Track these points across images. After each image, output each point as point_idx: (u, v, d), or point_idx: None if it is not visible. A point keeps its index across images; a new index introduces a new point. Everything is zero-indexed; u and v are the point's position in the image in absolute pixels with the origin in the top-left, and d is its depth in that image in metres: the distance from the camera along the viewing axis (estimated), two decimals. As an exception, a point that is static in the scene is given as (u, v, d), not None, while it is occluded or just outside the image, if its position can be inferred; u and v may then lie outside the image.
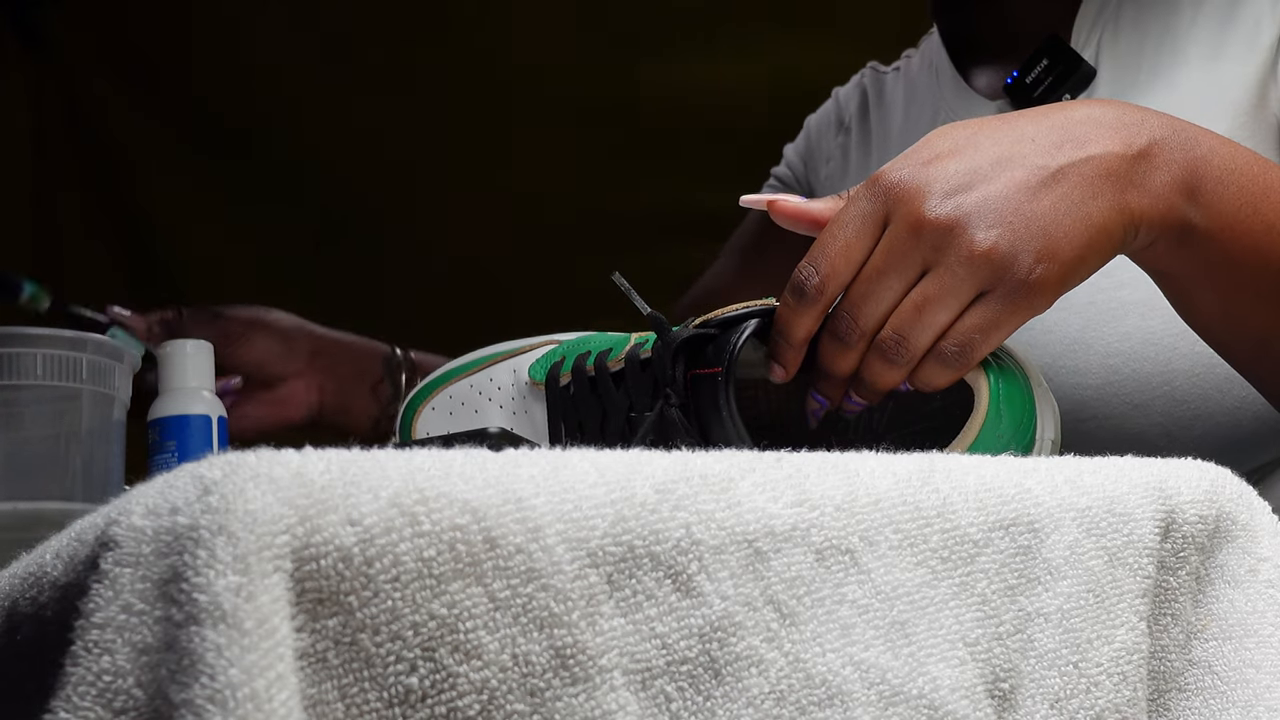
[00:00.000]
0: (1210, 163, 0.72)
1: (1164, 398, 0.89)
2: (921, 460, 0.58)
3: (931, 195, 0.67)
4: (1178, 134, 0.71)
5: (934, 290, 0.67)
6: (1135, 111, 0.71)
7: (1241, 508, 0.64)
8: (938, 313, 0.67)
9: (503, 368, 0.83)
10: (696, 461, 0.52)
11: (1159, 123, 0.71)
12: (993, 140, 0.69)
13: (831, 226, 0.69)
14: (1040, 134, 0.69)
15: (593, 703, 0.46)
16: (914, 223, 0.67)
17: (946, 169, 0.68)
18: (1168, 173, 0.70)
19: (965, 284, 0.67)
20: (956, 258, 0.66)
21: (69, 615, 0.44)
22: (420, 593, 0.44)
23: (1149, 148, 0.70)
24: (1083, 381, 0.92)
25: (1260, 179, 0.73)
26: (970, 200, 0.67)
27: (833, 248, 0.69)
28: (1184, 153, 0.71)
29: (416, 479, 0.45)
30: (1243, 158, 0.73)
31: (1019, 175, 0.67)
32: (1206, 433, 0.90)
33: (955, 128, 0.71)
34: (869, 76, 1.24)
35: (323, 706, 0.43)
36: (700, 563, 0.49)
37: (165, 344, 0.97)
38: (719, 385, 0.69)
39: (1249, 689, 0.61)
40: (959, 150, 0.69)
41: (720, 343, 0.71)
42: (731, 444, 0.69)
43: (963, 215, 0.66)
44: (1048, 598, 0.57)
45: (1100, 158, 0.69)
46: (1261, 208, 0.73)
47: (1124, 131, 0.70)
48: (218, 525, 0.41)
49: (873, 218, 0.68)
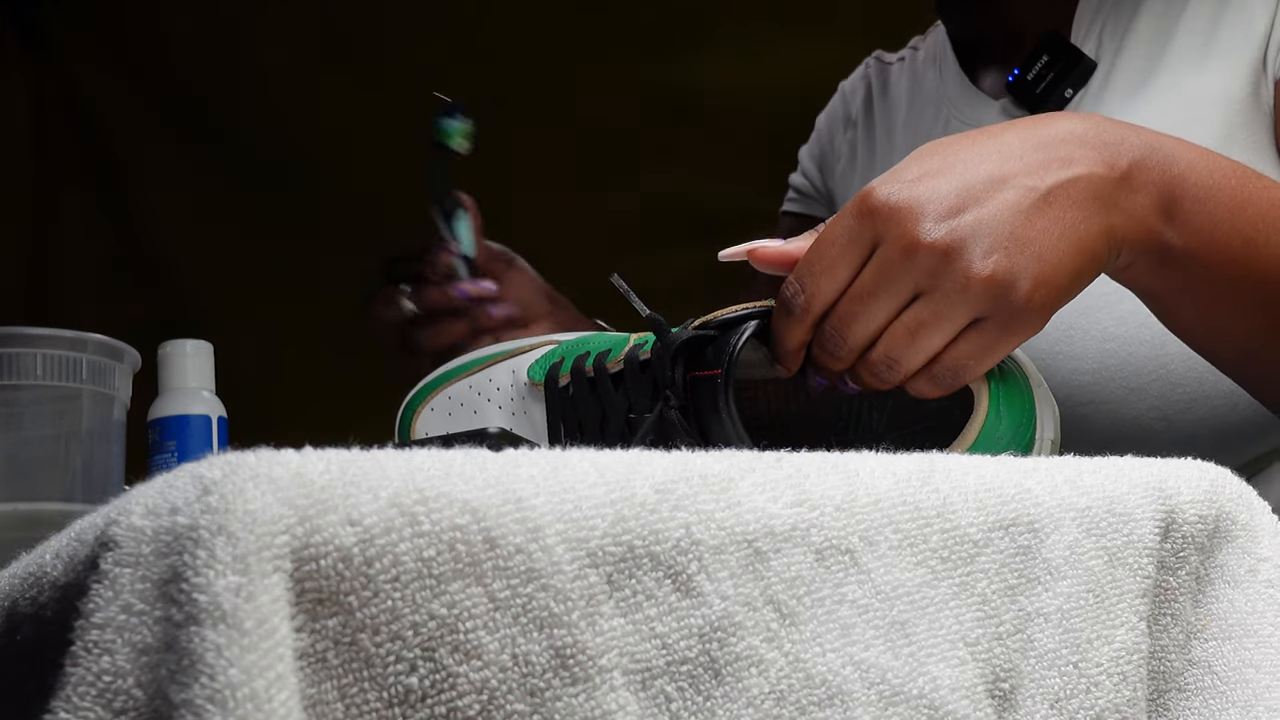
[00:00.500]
0: (1188, 180, 0.72)
1: (1159, 381, 0.89)
2: (921, 460, 0.58)
3: (925, 217, 0.66)
4: (1156, 152, 0.72)
5: (928, 315, 0.66)
6: (1115, 128, 0.71)
7: (1241, 507, 0.64)
8: (931, 337, 0.67)
9: (502, 368, 0.83)
10: (696, 461, 0.52)
11: (1138, 141, 0.71)
12: (980, 158, 0.69)
13: (819, 243, 0.69)
14: (1026, 151, 0.69)
15: (592, 703, 0.46)
16: (907, 245, 0.66)
17: (937, 188, 0.67)
18: (1146, 195, 0.71)
19: (961, 310, 0.66)
20: (953, 284, 0.65)
21: (69, 615, 0.44)
22: (420, 593, 0.44)
23: (1130, 169, 0.70)
24: (1079, 367, 0.92)
25: (1238, 192, 0.73)
26: (965, 223, 0.66)
27: (819, 265, 0.68)
28: (1162, 172, 0.71)
29: (416, 479, 0.45)
30: (1221, 170, 0.73)
31: (1011, 197, 0.67)
32: (1203, 418, 0.90)
33: (941, 144, 0.71)
34: (874, 67, 1.24)
35: (322, 706, 0.43)
36: (700, 563, 0.49)
37: (165, 344, 0.97)
38: (718, 387, 0.69)
39: (1249, 689, 0.61)
40: (948, 168, 0.68)
41: (720, 344, 0.70)
42: (731, 445, 0.68)
43: (959, 239, 0.65)
44: (1048, 598, 0.57)
45: (1086, 178, 0.69)
46: (1239, 222, 0.73)
47: (1106, 151, 0.70)
48: (217, 525, 0.41)
49: (861, 237, 0.67)
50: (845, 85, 1.26)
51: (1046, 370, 0.92)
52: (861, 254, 0.67)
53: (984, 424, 0.70)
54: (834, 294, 0.68)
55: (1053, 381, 0.92)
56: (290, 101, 2.29)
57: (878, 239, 0.67)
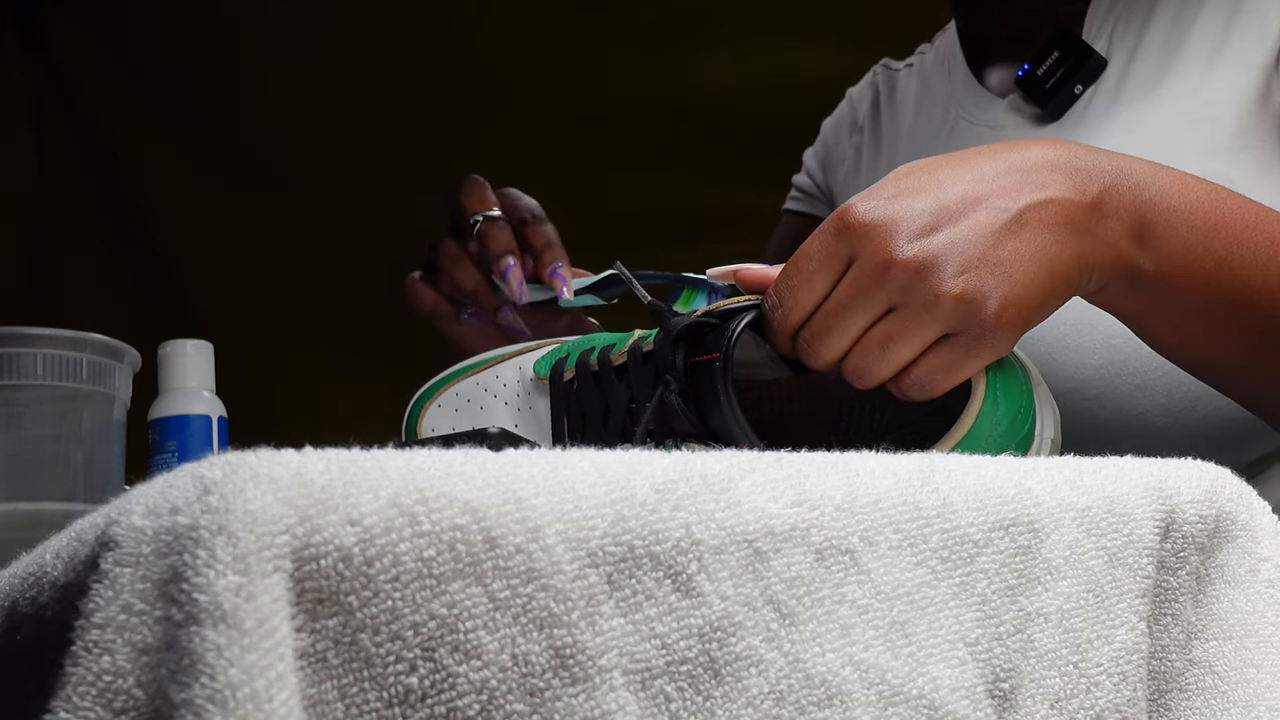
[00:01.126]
0: (1160, 205, 0.73)
1: (1165, 378, 0.90)
2: (921, 460, 0.58)
3: (899, 235, 0.68)
4: (1127, 178, 0.73)
5: (898, 329, 0.68)
6: (1087, 155, 0.73)
7: (1241, 507, 0.64)
8: (900, 350, 0.68)
9: (509, 365, 0.84)
10: (696, 461, 0.52)
11: (1110, 167, 0.73)
12: (955, 179, 0.70)
13: (797, 258, 0.70)
14: (1000, 174, 0.71)
15: (592, 703, 0.46)
16: (881, 262, 0.67)
17: (913, 207, 0.69)
18: (1118, 220, 0.72)
19: (930, 325, 0.68)
20: (924, 300, 0.67)
21: (69, 615, 0.44)
22: (420, 593, 0.44)
23: (1101, 195, 0.72)
24: (1085, 361, 0.92)
25: (1212, 215, 0.75)
26: (938, 242, 0.68)
27: (796, 279, 0.70)
28: (1133, 197, 0.73)
29: (416, 479, 0.45)
30: (1194, 194, 0.75)
31: (984, 218, 0.69)
32: (1208, 415, 0.90)
33: (918, 165, 0.72)
34: (881, 75, 1.25)
35: (323, 706, 0.43)
36: (700, 563, 0.49)
37: (165, 344, 0.97)
38: (717, 370, 0.70)
39: (1250, 689, 0.61)
40: (924, 188, 0.70)
41: (719, 331, 0.71)
42: (730, 429, 0.70)
43: (931, 257, 0.67)
44: (1048, 598, 0.57)
45: (1059, 201, 0.70)
46: (1213, 245, 0.74)
47: (1077, 177, 0.71)
48: (218, 525, 0.41)
49: (837, 252, 0.69)
50: (853, 91, 1.27)
51: (1052, 364, 0.92)
52: (838, 269, 0.69)
53: (980, 410, 0.70)
54: (810, 307, 0.70)
55: (1058, 376, 0.92)
56: (290, 102, 2.29)
57: (853, 254, 0.69)
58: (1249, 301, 0.76)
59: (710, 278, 0.78)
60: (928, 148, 1.11)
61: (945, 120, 1.11)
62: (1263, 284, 0.76)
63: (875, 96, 1.23)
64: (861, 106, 1.24)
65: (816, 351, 0.70)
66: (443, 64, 2.22)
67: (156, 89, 2.38)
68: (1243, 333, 0.77)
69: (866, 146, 1.21)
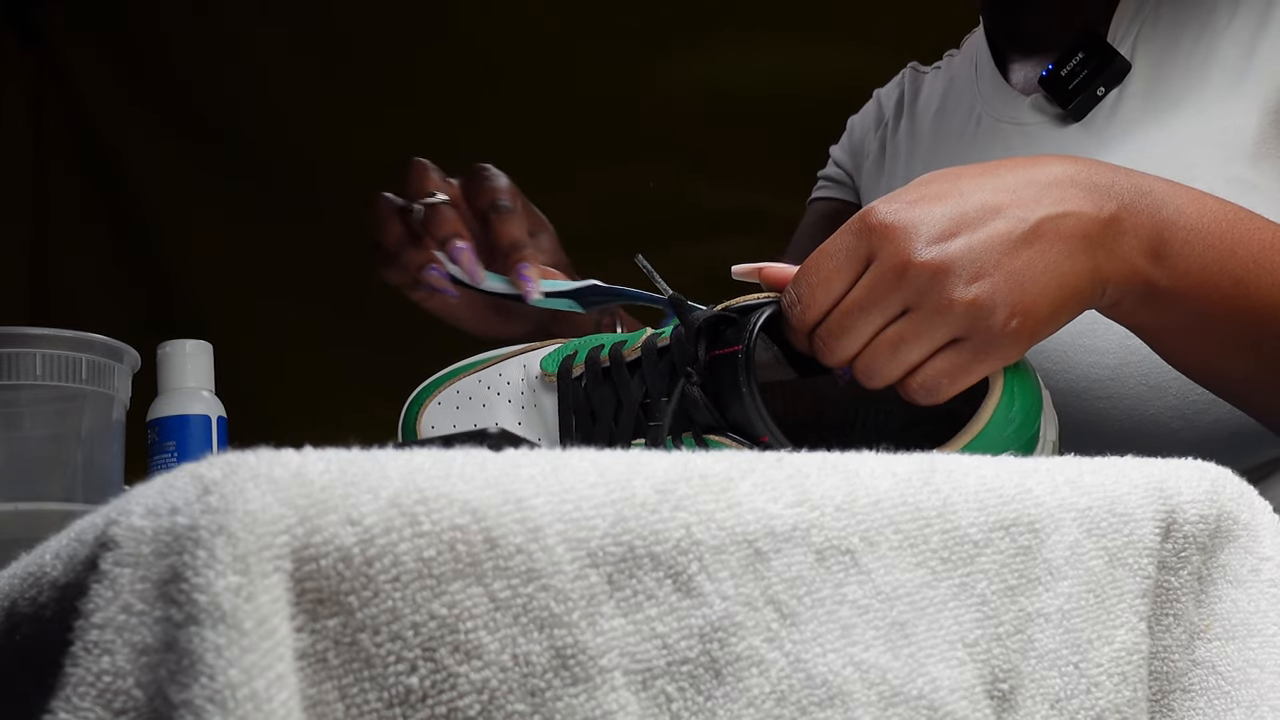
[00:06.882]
0: (1176, 224, 0.75)
1: (1179, 380, 0.90)
2: (921, 460, 0.58)
3: (918, 238, 0.69)
4: (1145, 196, 0.74)
5: (909, 331, 0.69)
6: (1106, 173, 0.74)
7: (1243, 507, 0.64)
8: (910, 351, 0.70)
9: (512, 363, 0.84)
10: (696, 462, 0.52)
11: (1128, 185, 0.74)
12: (976, 188, 0.71)
13: (817, 256, 0.72)
14: (1020, 187, 0.72)
15: (593, 703, 0.46)
16: (899, 263, 0.69)
17: (933, 212, 0.70)
18: (1134, 237, 0.73)
19: (941, 329, 0.69)
20: (936, 303, 0.68)
21: (69, 615, 0.44)
22: (420, 593, 0.44)
23: (1118, 212, 0.73)
24: (1100, 360, 0.93)
25: (1228, 234, 0.76)
26: (955, 247, 0.69)
27: (815, 277, 0.71)
28: (1150, 215, 0.74)
29: (416, 479, 0.45)
30: (1211, 213, 0.76)
31: (1002, 227, 0.70)
32: (1221, 418, 0.91)
33: (942, 174, 0.73)
34: (908, 76, 1.27)
35: (323, 707, 0.43)
36: (700, 563, 0.49)
37: (165, 344, 0.97)
38: (739, 363, 0.71)
39: (1253, 689, 0.61)
40: (945, 195, 0.71)
41: (739, 325, 0.72)
42: (752, 421, 0.70)
43: (947, 261, 0.68)
44: (1048, 598, 0.57)
45: (1076, 215, 0.71)
46: (1229, 263, 0.76)
47: (1096, 194, 0.73)
48: (217, 525, 0.41)
49: (857, 252, 0.70)
50: (881, 91, 1.30)
51: (1067, 362, 0.93)
52: (857, 268, 0.70)
53: (998, 405, 0.71)
54: (828, 305, 0.71)
55: (1073, 374, 0.93)
56: (290, 102, 2.29)
57: (872, 255, 0.70)
58: (1264, 319, 0.77)
59: (736, 273, 0.78)
60: (952, 142, 1.13)
61: (970, 116, 1.13)
62: (1278, 303, 0.77)
63: (901, 96, 1.25)
64: (888, 104, 1.26)
65: (831, 349, 0.71)
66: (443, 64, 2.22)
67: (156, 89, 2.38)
68: (1257, 349, 0.78)
69: (890, 144, 1.23)
